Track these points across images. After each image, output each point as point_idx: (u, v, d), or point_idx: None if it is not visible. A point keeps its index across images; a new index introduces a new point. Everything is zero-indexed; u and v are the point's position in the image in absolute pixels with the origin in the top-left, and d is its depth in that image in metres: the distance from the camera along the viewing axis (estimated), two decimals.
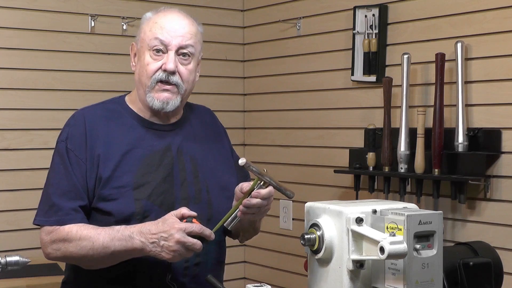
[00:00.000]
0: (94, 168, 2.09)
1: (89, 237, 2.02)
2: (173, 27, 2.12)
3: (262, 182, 2.04)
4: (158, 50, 2.10)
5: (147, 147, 2.14)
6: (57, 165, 2.12)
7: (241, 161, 2.00)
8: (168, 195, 2.11)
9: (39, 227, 2.11)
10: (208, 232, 1.98)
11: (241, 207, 2.02)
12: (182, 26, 2.13)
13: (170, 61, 2.09)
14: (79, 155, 2.09)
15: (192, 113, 2.29)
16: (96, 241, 2.01)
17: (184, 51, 2.12)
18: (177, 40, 2.10)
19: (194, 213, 1.99)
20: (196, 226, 1.96)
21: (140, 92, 2.16)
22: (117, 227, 2.02)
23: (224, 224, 2.06)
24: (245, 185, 2.08)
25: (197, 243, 1.96)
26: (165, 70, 2.10)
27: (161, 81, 2.11)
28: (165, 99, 2.12)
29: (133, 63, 2.20)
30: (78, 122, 2.15)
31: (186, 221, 1.97)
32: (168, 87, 2.11)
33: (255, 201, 2.02)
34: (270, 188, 2.05)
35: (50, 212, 2.08)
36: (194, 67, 2.15)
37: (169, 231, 1.95)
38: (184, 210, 1.99)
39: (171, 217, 1.98)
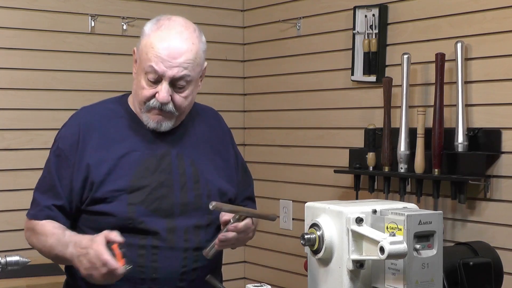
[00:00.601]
0: (82, 170, 2.08)
1: (46, 234, 2.07)
2: (169, 56, 2.02)
3: (238, 216, 2.03)
4: (152, 77, 2.04)
5: (145, 150, 2.12)
6: (46, 162, 2.17)
7: (210, 206, 1.96)
8: (165, 200, 2.10)
9: None
10: (117, 270, 1.88)
11: (217, 240, 2.02)
12: (180, 53, 2.03)
13: (162, 92, 2.04)
14: (68, 155, 2.10)
15: (197, 115, 2.26)
16: (49, 240, 2.06)
17: (179, 82, 2.05)
18: (172, 71, 2.02)
19: (118, 240, 1.91)
20: (103, 259, 1.87)
21: (136, 106, 2.14)
22: (69, 232, 2.05)
23: (203, 253, 2.03)
24: (225, 217, 2.06)
25: (107, 271, 1.88)
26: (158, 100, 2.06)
27: (154, 108, 2.07)
28: (159, 121, 2.10)
29: (134, 70, 2.13)
30: (73, 123, 2.16)
31: (107, 246, 1.91)
32: (161, 113, 2.08)
33: (231, 235, 2.02)
34: (246, 221, 2.04)
35: (32, 205, 2.16)
36: (190, 91, 2.09)
37: (88, 248, 1.92)
38: (112, 236, 1.91)
39: (100, 236, 1.93)
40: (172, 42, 2.03)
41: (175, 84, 2.05)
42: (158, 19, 2.10)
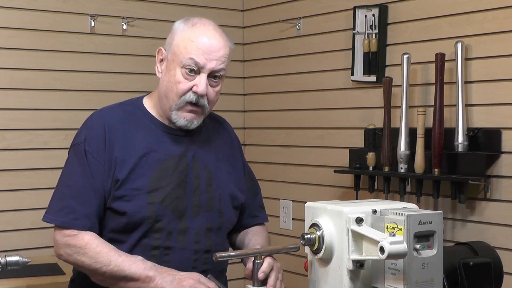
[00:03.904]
0: (111, 170, 2.09)
1: (108, 255, 2.03)
2: (210, 49, 2.09)
3: (254, 259, 2.03)
4: (191, 70, 2.08)
5: (163, 152, 2.14)
6: (74, 166, 2.12)
7: (214, 258, 1.98)
8: (181, 201, 2.12)
9: (51, 225, 2.12)
10: None
11: None
12: (218, 48, 2.11)
13: (202, 84, 2.09)
14: (97, 157, 2.10)
15: (210, 121, 2.29)
16: (114, 261, 2.02)
17: (216, 74, 2.11)
18: (212, 64, 2.09)
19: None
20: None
21: (164, 105, 2.14)
22: (140, 257, 2.05)
23: None
24: (248, 267, 2.12)
25: None
26: (195, 92, 2.09)
27: (190, 102, 2.10)
28: (191, 118, 2.13)
29: (159, 70, 2.16)
30: (96, 124, 2.15)
31: None
32: (195, 108, 2.12)
33: (272, 281, 2.04)
34: (267, 260, 2.05)
35: (61, 212, 2.08)
36: (221, 86, 2.16)
37: (190, 274, 2.00)
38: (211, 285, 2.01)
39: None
40: (211, 37, 2.12)
41: (211, 77, 2.11)
42: (188, 19, 2.16)
